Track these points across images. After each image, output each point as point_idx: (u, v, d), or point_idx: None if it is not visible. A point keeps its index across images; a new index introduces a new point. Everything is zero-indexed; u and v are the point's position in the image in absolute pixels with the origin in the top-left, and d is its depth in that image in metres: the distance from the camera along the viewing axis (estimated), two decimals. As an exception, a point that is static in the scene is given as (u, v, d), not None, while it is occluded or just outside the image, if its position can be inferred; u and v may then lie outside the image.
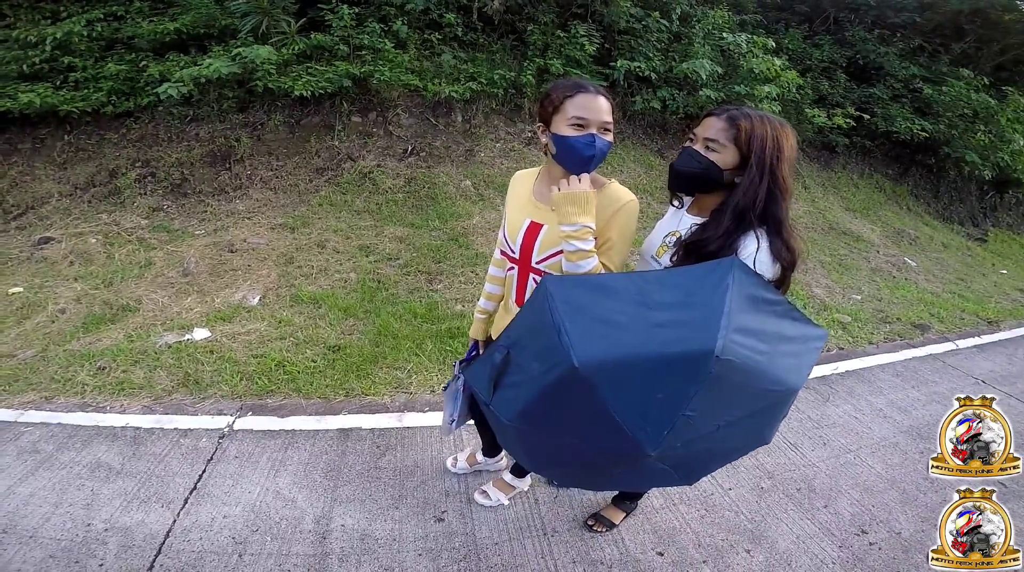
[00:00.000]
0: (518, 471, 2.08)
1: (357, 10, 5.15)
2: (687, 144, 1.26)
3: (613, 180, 1.36)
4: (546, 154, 1.36)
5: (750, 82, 5.89)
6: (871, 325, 4.07)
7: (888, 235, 6.51)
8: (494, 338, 1.64)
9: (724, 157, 1.18)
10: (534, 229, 1.37)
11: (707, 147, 1.20)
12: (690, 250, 1.21)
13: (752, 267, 1.11)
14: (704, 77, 5.61)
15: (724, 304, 0.94)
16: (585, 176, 1.23)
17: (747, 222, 1.15)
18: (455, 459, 2.27)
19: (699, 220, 1.28)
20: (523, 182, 1.47)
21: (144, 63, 4.91)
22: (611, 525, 1.98)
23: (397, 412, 2.59)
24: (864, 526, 2.12)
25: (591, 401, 0.95)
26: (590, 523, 1.98)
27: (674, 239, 1.31)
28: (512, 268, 1.46)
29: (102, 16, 5.06)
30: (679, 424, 0.94)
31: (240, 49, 4.56)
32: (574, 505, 2.08)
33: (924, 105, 7.55)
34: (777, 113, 6.05)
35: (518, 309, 1.53)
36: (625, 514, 2.01)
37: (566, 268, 1.26)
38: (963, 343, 4.04)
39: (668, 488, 2.17)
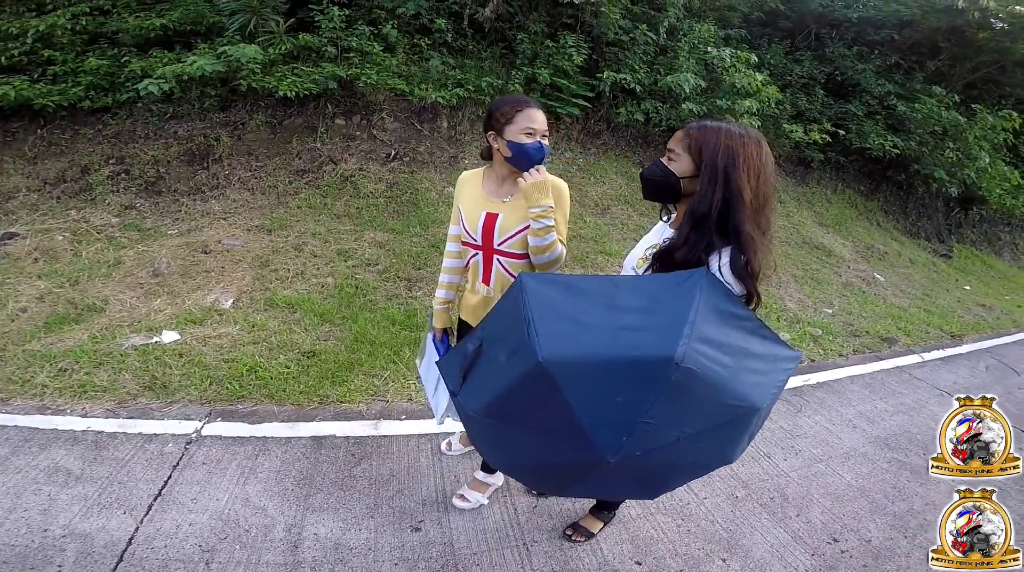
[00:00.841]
0: (488, 467, 2.10)
1: (347, 12, 5.11)
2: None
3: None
4: (488, 158, 1.68)
5: (731, 96, 6.02)
6: (841, 338, 4.18)
7: (859, 250, 6.71)
8: (464, 321, 1.84)
9: (680, 165, 1.24)
10: (491, 218, 1.64)
11: (668, 157, 1.27)
12: (662, 260, 1.26)
13: (720, 278, 1.13)
14: (687, 90, 5.71)
15: (689, 313, 0.95)
16: (542, 168, 1.55)
17: (706, 230, 1.17)
18: (449, 443, 2.34)
19: (671, 231, 1.34)
20: (471, 182, 1.74)
21: (126, 59, 4.80)
22: (589, 535, 1.97)
23: (373, 420, 2.54)
24: (835, 534, 2.16)
25: (553, 399, 0.95)
26: (568, 533, 1.97)
27: (654, 251, 1.35)
28: (476, 254, 1.71)
29: (88, 10, 4.96)
30: (638, 430, 0.94)
31: (226, 47, 4.48)
32: (553, 515, 2.07)
33: (897, 122, 7.76)
34: (756, 127, 6.26)
35: (485, 288, 1.71)
36: (603, 524, 2.01)
37: (533, 242, 1.54)
38: (928, 356, 4.18)
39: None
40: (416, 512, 2.02)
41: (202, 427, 2.39)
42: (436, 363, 1.60)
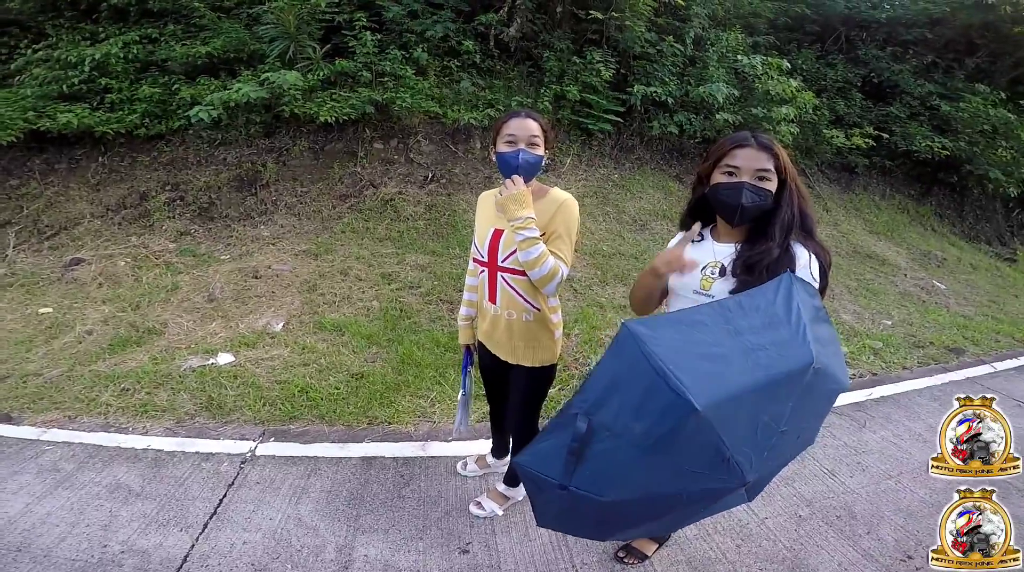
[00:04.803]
0: (511, 480, 2.08)
1: (379, 37, 5.27)
2: (730, 179, 1.28)
3: (555, 187, 1.66)
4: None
5: (767, 104, 5.89)
6: (904, 350, 3.97)
7: (914, 258, 6.37)
8: (481, 343, 1.85)
9: (773, 184, 1.27)
10: (497, 235, 1.63)
11: (760, 178, 1.26)
12: (750, 268, 1.25)
13: (810, 275, 1.20)
14: (720, 100, 5.62)
15: (802, 319, 1.01)
16: (519, 178, 1.51)
17: (787, 236, 1.27)
18: (465, 463, 2.32)
19: (731, 245, 1.34)
20: (487, 200, 1.75)
21: (176, 86, 5.03)
22: (643, 557, 1.90)
23: (420, 441, 2.55)
24: (910, 551, 2.03)
25: (703, 442, 0.90)
26: (621, 555, 1.90)
27: (718, 269, 1.34)
28: (483, 271, 1.70)
29: (138, 38, 5.23)
30: (774, 442, 0.97)
31: (268, 74, 4.66)
32: (604, 537, 2.01)
33: (943, 122, 7.46)
34: (795, 135, 6.10)
35: (492, 306, 1.67)
36: (658, 545, 1.94)
37: (521, 258, 1.52)
38: (1001, 365, 3.91)
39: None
40: (464, 534, 1.99)
41: (256, 447, 2.45)
42: (515, 461, 1.20)
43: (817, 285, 1.22)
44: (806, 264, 1.23)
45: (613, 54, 5.96)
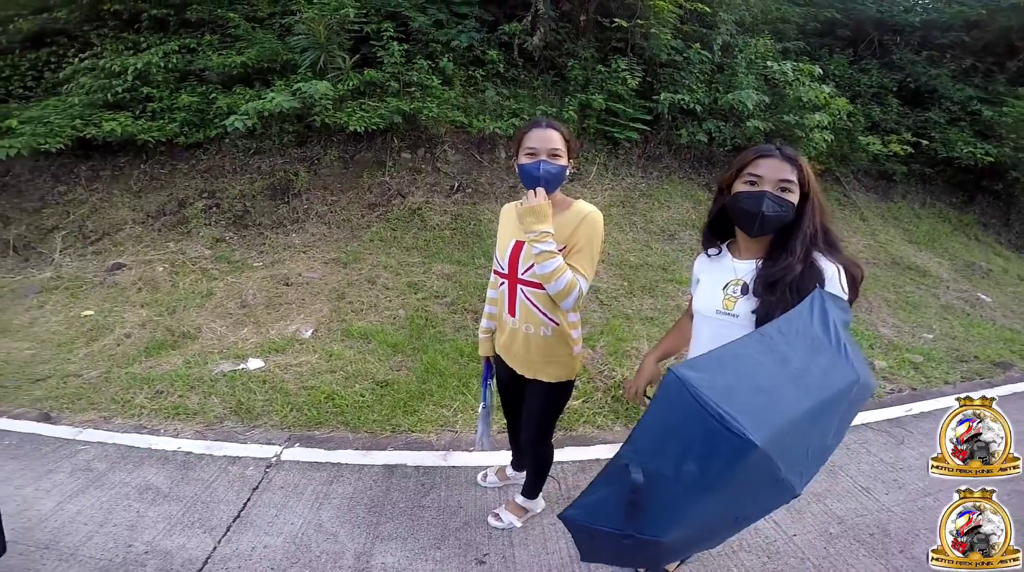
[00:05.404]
0: (530, 493, 2.06)
1: (406, 47, 5.36)
2: (752, 188, 1.25)
3: (580, 199, 1.63)
4: None
5: (799, 111, 5.74)
6: (946, 365, 3.79)
7: (957, 269, 6.08)
8: (499, 356, 1.85)
9: (795, 196, 1.24)
10: (518, 247, 1.62)
11: (782, 189, 1.24)
12: (772, 286, 1.22)
13: (839, 287, 1.19)
14: (750, 107, 5.51)
15: (841, 338, 1.03)
16: (541, 190, 1.49)
17: (812, 246, 1.25)
18: (484, 474, 2.31)
19: (751, 261, 1.30)
20: (510, 211, 1.72)
21: (213, 95, 5.22)
22: (665, 573, 1.84)
23: (442, 450, 2.55)
24: None
25: (761, 471, 0.91)
26: (641, 570, 1.84)
27: (739, 287, 1.30)
28: (503, 283, 1.69)
29: (177, 48, 5.46)
30: (821, 453, 1.03)
31: (300, 84, 4.79)
32: (625, 554, 1.96)
33: (985, 128, 7.15)
34: (829, 142, 5.93)
35: (512, 319, 1.66)
36: (681, 561, 1.87)
37: (538, 271, 1.50)
38: (1053, 382, 3.67)
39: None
40: (482, 544, 1.98)
41: (282, 452, 2.49)
42: (564, 517, 1.14)
43: (846, 297, 1.20)
44: (833, 276, 1.20)
45: (639, 62, 5.91)
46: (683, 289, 4.42)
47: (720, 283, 1.35)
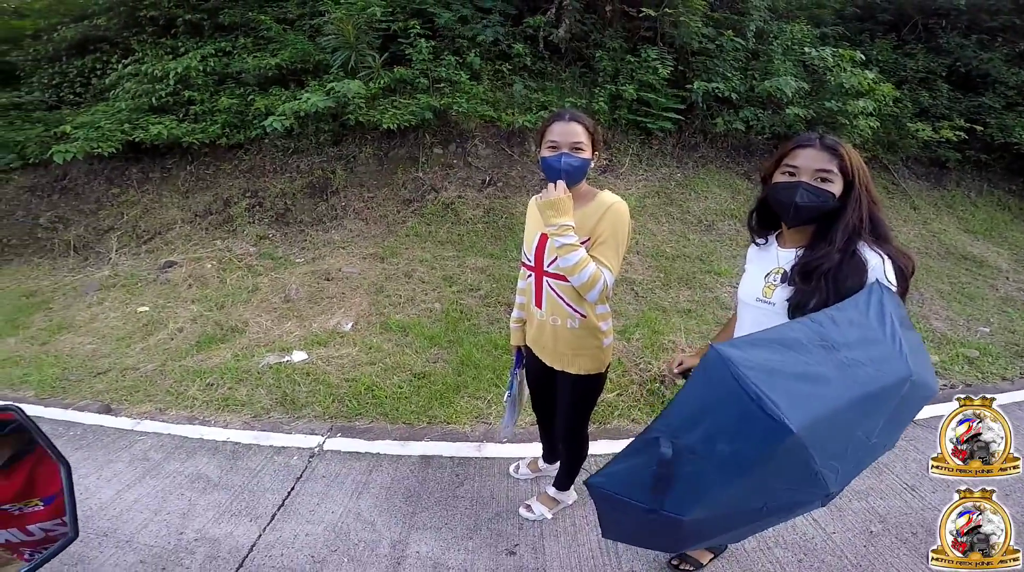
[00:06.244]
0: (562, 484, 2.07)
1: (433, 43, 5.40)
2: (789, 178, 1.25)
3: (605, 190, 1.61)
4: None
5: (841, 97, 5.49)
6: (1004, 360, 3.58)
7: (1018, 259, 5.70)
8: (529, 347, 1.85)
9: (836, 186, 1.22)
10: (544, 239, 1.62)
11: (821, 179, 1.22)
12: (807, 275, 1.21)
13: (884, 278, 1.16)
14: (789, 94, 5.31)
15: (896, 332, 1.00)
16: (561, 183, 1.48)
17: (853, 241, 1.22)
18: (517, 466, 2.34)
19: (794, 250, 1.29)
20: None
21: (251, 97, 5.39)
22: (698, 565, 1.84)
23: (477, 441, 2.59)
24: None
25: (794, 460, 0.89)
26: (675, 563, 1.84)
27: (779, 276, 1.29)
28: (530, 276, 1.71)
29: (213, 51, 5.65)
30: (863, 453, 0.99)
31: (333, 84, 4.90)
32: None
33: (1045, 113, 6.68)
34: (875, 129, 5.65)
35: (539, 311, 1.67)
36: (714, 555, 1.87)
37: (560, 264, 1.50)
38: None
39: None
40: (513, 536, 2.00)
41: (324, 442, 2.58)
42: (589, 483, 1.16)
43: (895, 289, 1.16)
44: (877, 266, 1.16)
45: (669, 51, 5.77)
46: (721, 280, 4.32)
47: (763, 271, 1.35)
